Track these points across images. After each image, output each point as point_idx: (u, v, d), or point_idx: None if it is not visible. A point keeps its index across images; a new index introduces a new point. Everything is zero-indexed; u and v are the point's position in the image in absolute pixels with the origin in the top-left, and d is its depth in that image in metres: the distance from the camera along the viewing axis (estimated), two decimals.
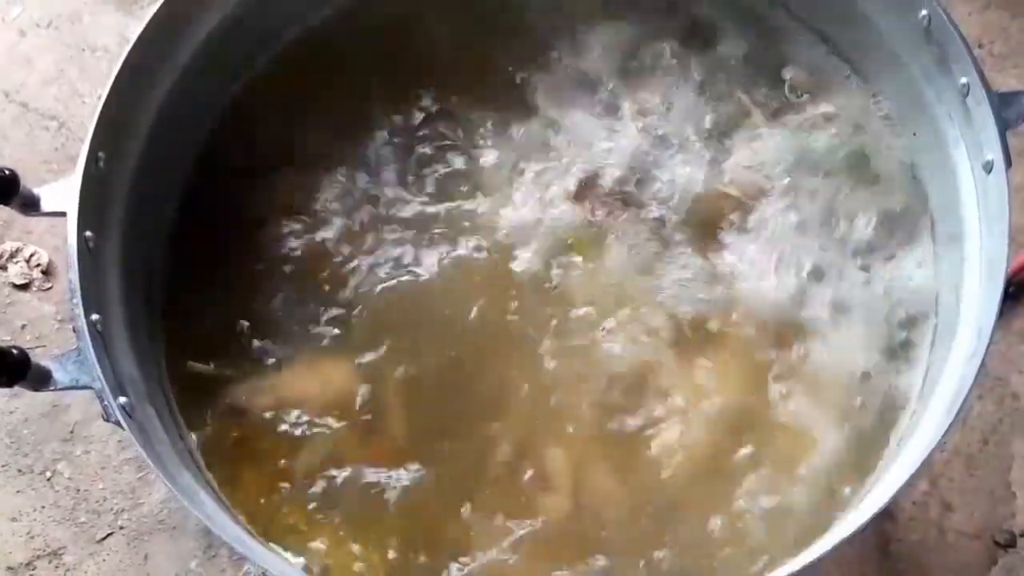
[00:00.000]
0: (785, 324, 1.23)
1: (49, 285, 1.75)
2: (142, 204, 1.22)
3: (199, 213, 1.31)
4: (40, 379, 1.03)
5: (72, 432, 1.62)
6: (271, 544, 1.13)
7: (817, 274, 1.25)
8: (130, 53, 1.17)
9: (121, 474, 1.59)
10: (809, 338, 1.23)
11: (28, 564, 1.53)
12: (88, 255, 1.10)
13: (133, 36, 1.17)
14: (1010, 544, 1.51)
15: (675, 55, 1.37)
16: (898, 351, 1.21)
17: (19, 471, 1.59)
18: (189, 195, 1.31)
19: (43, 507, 1.57)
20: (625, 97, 1.36)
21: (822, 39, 1.36)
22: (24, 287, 1.75)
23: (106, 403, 1.01)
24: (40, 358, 1.03)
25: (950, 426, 0.97)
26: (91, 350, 1.02)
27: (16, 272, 1.76)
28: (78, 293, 1.05)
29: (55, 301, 1.72)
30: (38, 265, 1.78)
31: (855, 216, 1.28)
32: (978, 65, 1.14)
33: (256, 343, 1.24)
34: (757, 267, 1.26)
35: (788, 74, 1.36)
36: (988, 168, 1.12)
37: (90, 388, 1.02)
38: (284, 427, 1.21)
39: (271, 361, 1.24)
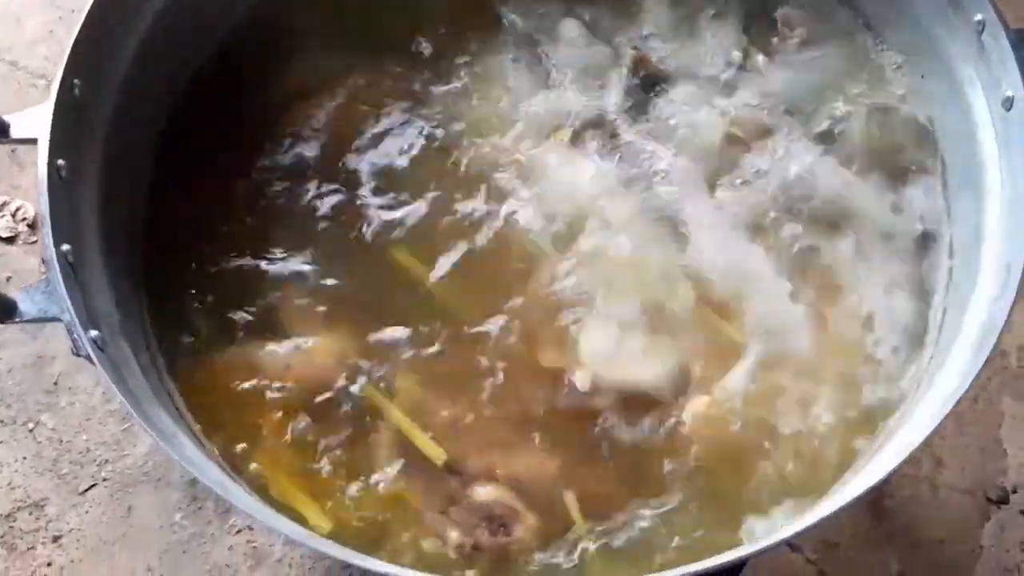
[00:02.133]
0: (791, 264, 1.13)
1: (35, 238, 1.67)
2: (123, 136, 1.11)
3: (183, 150, 1.19)
4: (5, 310, 0.93)
5: (56, 383, 1.52)
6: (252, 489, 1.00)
7: (822, 216, 1.15)
8: None
9: (105, 426, 1.48)
10: (815, 282, 1.12)
11: (9, 515, 1.42)
12: (60, 184, 0.99)
13: None
14: (1003, 500, 1.42)
15: None
16: (910, 296, 1.10)
17: (1, 422, 1.50)
18: (173, 131, 1.20)
19: (25, 458, 1.46)
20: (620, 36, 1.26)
21: None
22: (10, 240, 1.67)
23: (75, 336, 0.90)
24: (6, 289, 0.90)
25: (981, 368, 0.88)
26: (60, 280, 0.92)
27: (2, 225, 1.70)
28: (47, 221, 0.95)
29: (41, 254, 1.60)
30: (24, 219, 1.70)
31: (861, 160, 1.17)
32: (994, 1, 1.05)
33: (240, 283, 1.13)
34: (755, 206, 1.16)
35: (782, 13, 1.26)
36: (1008, 105, 1.04)
37: (58, 320, 0.90)
38: (268, 370, 1.08)
39: (256, 301, 1.12)
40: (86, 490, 1.43)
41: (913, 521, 1.39)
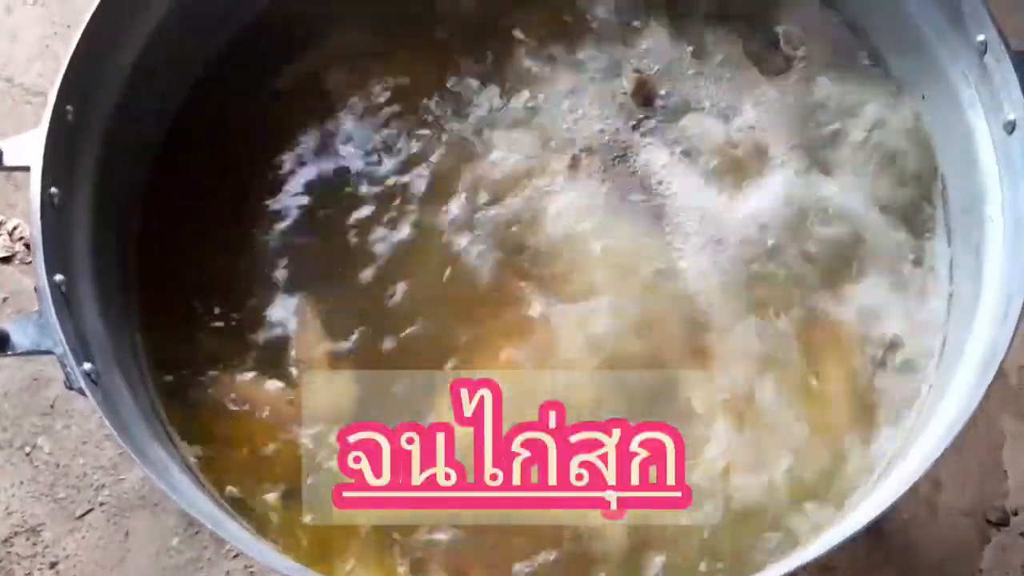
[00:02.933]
0: (788, 288, 1.11)
1: (32, 259, 1.61)
2: (115, 162, 1.08)
3: (177, 173, 1.16)
4: None
5: (53, 407, 1.48)
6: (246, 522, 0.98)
7: (822, 239, 1.13)
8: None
9: (102, 449, 1.45)
10: (814, 307, 1.10)
11: (5, 541, 1.39)
12: (53, 212, 0.97)
13: None
14: (1003, 523, 1.39)
15: (670, 14, 1.25)
16: (909, 319, 1.08)
17: None
18: (166, 154, 1.17)
19: (22, 482, 1.43)
20: (621, 58, 1.23)
21: None
22: (7, 260, 1.63)
23: (68, 369, 0.87)
24: (2, 310, 0.88)
25: (984, 394, 0.85)
26: (52, 312, 0.89)
27: None
28: (40, 252, 0.93)
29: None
30: (21, 238, 1.66)
31: (861, 182, 1.15)
32: (996, 22, 1.03)
33: (235, 309, 1.10)
34: (755, 230, 1.14)
35: (782, 32, 1.23)
36: (1010, 128, 1.01)
37: (51, 353, 0.87)
38: (267, 403, 1.06)
39: (257, 330, 1.09)
40: (83, 515, 1.40)
41: (912, 543, 1.36)
